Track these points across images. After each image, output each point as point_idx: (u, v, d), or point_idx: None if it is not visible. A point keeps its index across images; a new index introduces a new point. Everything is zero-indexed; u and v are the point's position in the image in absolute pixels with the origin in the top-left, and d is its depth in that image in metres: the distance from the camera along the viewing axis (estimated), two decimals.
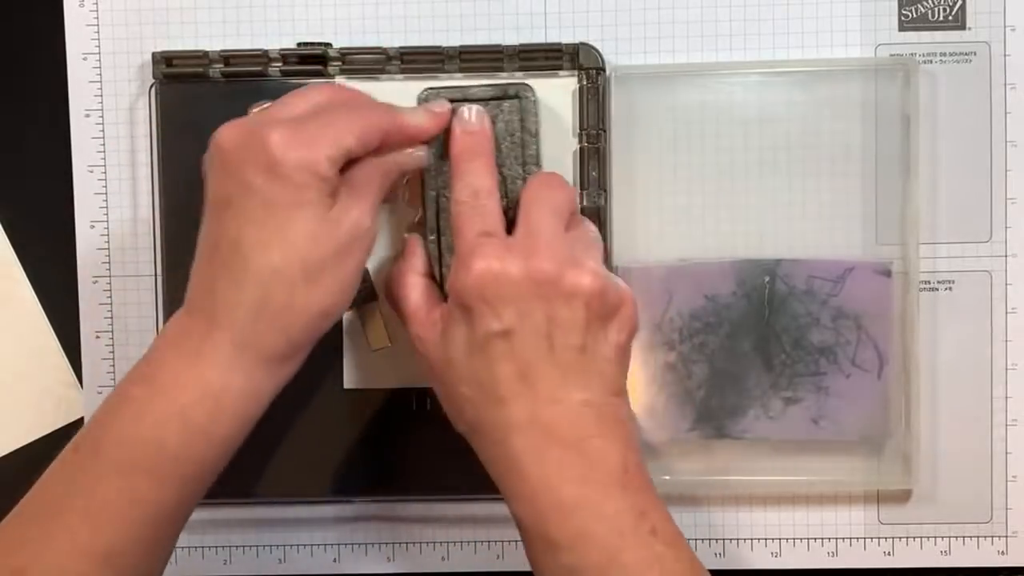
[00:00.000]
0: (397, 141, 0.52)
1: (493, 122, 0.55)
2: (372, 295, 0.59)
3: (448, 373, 0.51)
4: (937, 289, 0.60)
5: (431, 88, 0.56)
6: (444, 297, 0.53)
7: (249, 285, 0.48)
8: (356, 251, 0.50)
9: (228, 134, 0.49)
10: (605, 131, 0.58)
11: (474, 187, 0.52)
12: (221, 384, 0.48)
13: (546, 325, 0.49)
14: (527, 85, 0.56)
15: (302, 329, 0.50)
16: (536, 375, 0.49)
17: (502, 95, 0.56)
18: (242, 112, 0.58)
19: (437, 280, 0.55)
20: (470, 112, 0.54)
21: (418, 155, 0.53)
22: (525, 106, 0.56)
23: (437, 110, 0.54)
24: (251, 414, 0.50)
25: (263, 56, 0.58)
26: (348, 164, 0.50)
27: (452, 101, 0.54)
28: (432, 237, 0.55)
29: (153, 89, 0.58)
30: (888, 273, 0.58)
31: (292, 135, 0.48)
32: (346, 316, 0.59)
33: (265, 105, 0.53)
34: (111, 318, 0.61)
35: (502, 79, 0.58)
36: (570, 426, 0.49)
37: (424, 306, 0.53)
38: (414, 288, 0.54)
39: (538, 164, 0.56)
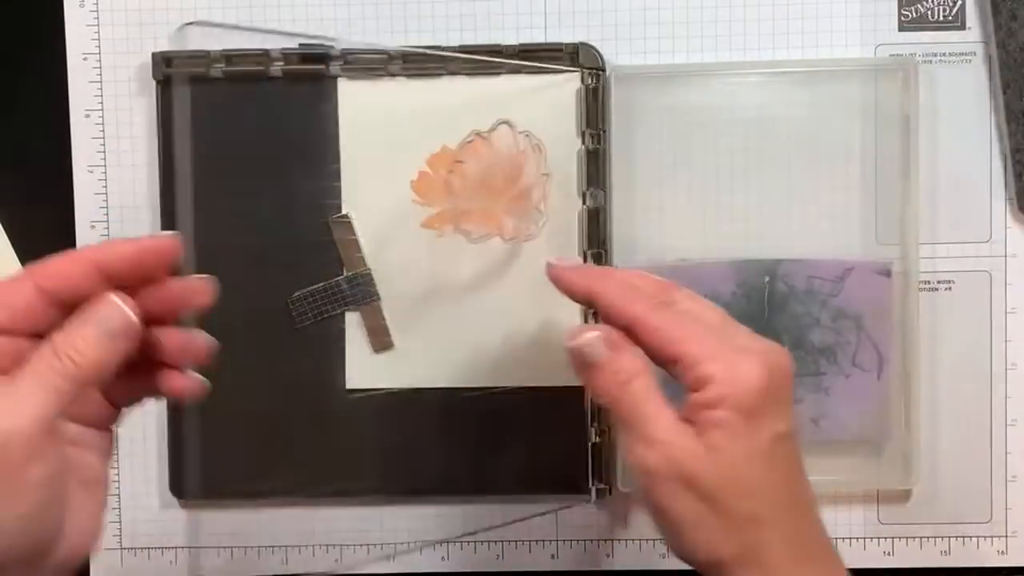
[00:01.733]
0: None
1: None
2: (374, 295, 0.59)
3: (725, 490, 0.43)
4: (937, 289, 0.60)
5: None
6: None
7: None
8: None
9: None
10: (605, 131, 0.58)
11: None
12: None
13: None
14: None
15: None
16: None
17: None
18: (242, 111, 0.58)
19: None
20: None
21: (119, 314, 0.40)
22: None
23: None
24: None
25: (264, 56, 0.58)
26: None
27: None
28: None
29: (153, 89, 0.58)
30: (888, 273, 0.58)
31: None
32: (349, 316, 0.59)
33: None
34: None
35: None
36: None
37: (670, 415, 0.44)
38: (650, 394, 0.45)
39: None
